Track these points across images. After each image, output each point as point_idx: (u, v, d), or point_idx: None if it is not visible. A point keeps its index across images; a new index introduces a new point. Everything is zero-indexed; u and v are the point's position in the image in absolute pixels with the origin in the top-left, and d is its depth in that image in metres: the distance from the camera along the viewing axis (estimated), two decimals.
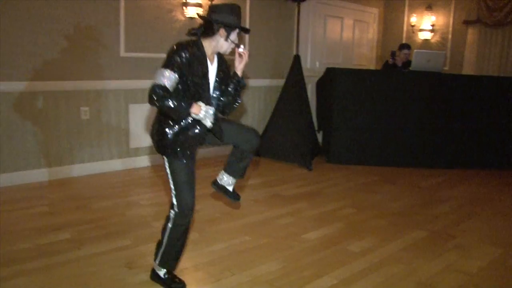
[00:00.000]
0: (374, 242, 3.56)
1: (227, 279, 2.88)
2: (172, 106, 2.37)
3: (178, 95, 2.47)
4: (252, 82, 6.43)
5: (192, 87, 2.52)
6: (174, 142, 2.55)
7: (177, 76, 2.42)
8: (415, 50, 6.15)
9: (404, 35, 8.32)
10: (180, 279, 2.78)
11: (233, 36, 2.60)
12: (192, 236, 3.50)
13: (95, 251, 3.19)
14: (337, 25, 7.72)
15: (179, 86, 2.49)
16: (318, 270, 3.05)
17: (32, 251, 3.16)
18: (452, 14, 7.77)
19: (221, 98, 2.72)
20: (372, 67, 8.48)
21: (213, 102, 2.66)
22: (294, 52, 6.32)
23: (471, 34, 7.47)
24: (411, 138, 6.01)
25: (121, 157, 5.37)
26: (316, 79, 6.67)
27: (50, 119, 4.79)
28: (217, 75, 2.67)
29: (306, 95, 6.11)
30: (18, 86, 4.53)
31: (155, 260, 2.78)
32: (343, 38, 7.86)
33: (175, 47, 2.47)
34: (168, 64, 2.42)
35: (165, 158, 2.61)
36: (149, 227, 3.65)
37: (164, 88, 2.38)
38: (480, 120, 6.05)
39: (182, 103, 2.39)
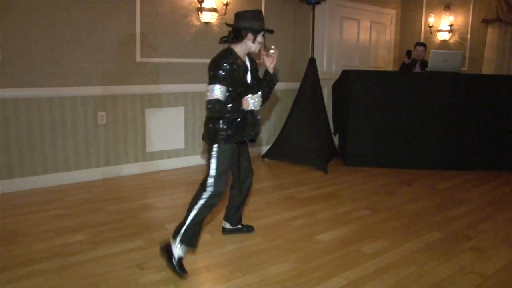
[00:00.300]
0: (387, 244, 3.52)
1: (238, 279, 2.88)
2: (229, 113, 2.90)
3: (229, 98, 2.96)
4: None
5: (238, 89, 3.01)
6: (229, 129, 3.01)
7: (225, 87, 2.90)
8: (431, 51, 6.07)
9: (422, 36, 8.23)
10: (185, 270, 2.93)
11: (259, 38, 3.06)
12: (204, 237, 3.53)
13: (108, 252, 3.23)
14: (353, 27, 7.68)
15: (228, 93, 2.96)
16: (329, 271, 3.04)
17: (47, 251, 3.22)
18: (471, 14, 7.66)
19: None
20: (389, 68, 8.41)
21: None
22: (310, 55, 6.31)
23: (491, 33, 7.34)
24: (429, 139, 5.93)
25: (137, 161, 5.44)
26: (333, 82, 6.64)
27: (68, 124, 4.88)
28: (251, 72, 3.15)
29: (322, 98, 6.09)
30: (36, 92, 4.63)
31: (174, 237, 2.96)
32: (359, 40, 7.82)
33: (215, 62, 2.93)
34: (215, 79, 2.88)
35: (215, 145, 3.02)
36: (162, 229, 3.68)
37: (218, 101, 2.86)
38: (499, 121, 5.94)
39: (235, 107, 2.92)
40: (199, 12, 5.64)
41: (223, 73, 2.89)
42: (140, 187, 4.88)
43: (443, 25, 7.91)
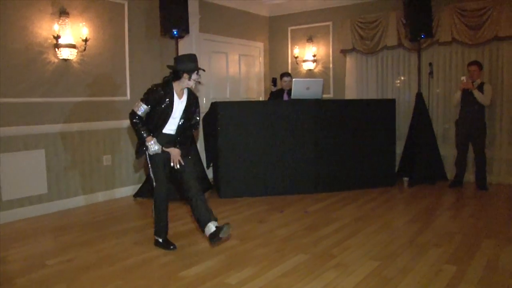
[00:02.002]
0: (254, 272, 3.49)
1: None
2: (133, 127, 3.83)
3: (151, 120, 3.87)
4: None
5: (160, 114, 3.83)
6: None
7: (148, 107, 3.81)
8: (293, 79, 6.35)
9: (289, 66, 8.61)
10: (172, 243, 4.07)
11: (194, 76, 3.81)
12: (59, 287, 3.24)
13: None
14: (222, 61, 7.80)
15: (152, 113, 3.84)
16: None
17: None
18: (331, 45, 8.18)
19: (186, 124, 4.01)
20: (261, 99, 8.63)
21: (178, 125, 3.95)
22: None
23: (349, 62, 7.89)
24: (298, 165, 6.12)
25: None
26: (203, 115, 6.64)
27: None
28: (186, 106, 3.93)
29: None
30: None
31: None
32: (229, 73, 7.95)
33: (151, 86, 3.87)
34: (144, 98, 3.82)
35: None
36: (9, 286, 3.31)
37: (135, 114, 3.81)
38: (361, 142, 6.34)
39: (143, 133, 3.81)
40: (56, 49, 5.36)
41: (151, 98, 3.79)
42: None
43: (307, 56, 8.34)
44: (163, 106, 3.79)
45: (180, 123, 3.94)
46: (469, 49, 6.79)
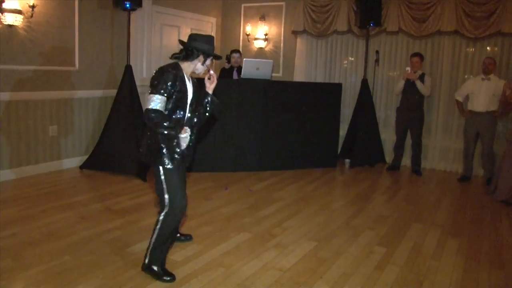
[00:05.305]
0: (198, 249, 3.65)
1: None
2: (164, 129, 2.95)
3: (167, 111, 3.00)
4: (85, 94, 6.21)
5: (175, 101, 3.01)
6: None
7: (165, 98, 2.94)
8: (244, 59, 6.44)
9: (241, 43, 8.66)
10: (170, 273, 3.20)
11: (208, 61, 3.21)
12: (5, 263, 3.27)
13: None
14: (174, 34, 7.76)
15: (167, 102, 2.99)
16: (138, 283, 3.05)
17: None
18: (283, 25, 8.29)
19: (195, 111, 3.24)
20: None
21: (189, 113, 3.19)
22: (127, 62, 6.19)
23: (300, 43, 8.04)
24: (245, 143, 6.29)
25: None
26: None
27: None
28: (193, 91, 3.19)
29: (140, 106, 6.02)
30: None
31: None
32: (180, 47, 7.91)
33: (161, 70, 2.99)
34: (157, 89, 2.92)
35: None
36: None
37: (157, 111, 2.91)
38: (306, 123, 6.57)
39: (169, 128, 2.97)
40: (0, 14, 5.18)
41: (165, 85, 2.93)
42: None
43: (259, 34, 8.41)
44: (177, 91, 2.98)
45: (191, 110, 3.23)
46: (413, 40, 7.09)
